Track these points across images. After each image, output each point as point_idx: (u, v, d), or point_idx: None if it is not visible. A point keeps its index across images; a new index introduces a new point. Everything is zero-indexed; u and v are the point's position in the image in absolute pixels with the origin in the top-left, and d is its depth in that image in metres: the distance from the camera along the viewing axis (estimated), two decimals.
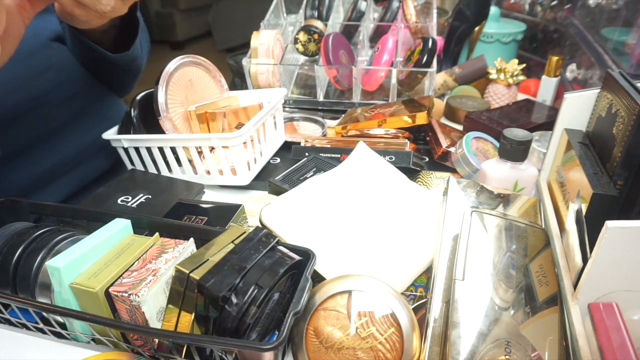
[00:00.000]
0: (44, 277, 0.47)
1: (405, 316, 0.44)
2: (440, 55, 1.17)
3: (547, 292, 0.43)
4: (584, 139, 0.57)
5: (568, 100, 0.59)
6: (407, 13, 1.08)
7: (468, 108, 0.96)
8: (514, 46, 1.20)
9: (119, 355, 0.43)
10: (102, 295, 0.43)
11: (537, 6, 1.24)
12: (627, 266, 0.39)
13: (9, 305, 0.49)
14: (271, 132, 0.81)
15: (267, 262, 0.43)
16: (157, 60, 0.61)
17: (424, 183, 0.73)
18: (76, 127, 0.74)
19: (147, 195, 0.67)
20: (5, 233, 0.50)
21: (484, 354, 0.38)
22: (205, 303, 0.40)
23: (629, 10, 0.82)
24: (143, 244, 0.48)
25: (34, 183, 0.69)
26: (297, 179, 0.70)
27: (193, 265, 0.41)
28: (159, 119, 0.71)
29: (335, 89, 1.06)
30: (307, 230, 0.54)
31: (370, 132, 0.84)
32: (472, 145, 0.75)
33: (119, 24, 0.70)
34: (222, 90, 0.84)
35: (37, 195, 0.70)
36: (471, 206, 0.53)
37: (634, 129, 0.45)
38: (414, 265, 0.54)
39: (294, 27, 1.16)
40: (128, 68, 0.77)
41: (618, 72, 0.53)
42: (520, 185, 0.61)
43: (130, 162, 0.79)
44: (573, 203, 0.50)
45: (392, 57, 0.97)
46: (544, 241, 0.49)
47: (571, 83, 1.00)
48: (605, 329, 0.36)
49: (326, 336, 0.43)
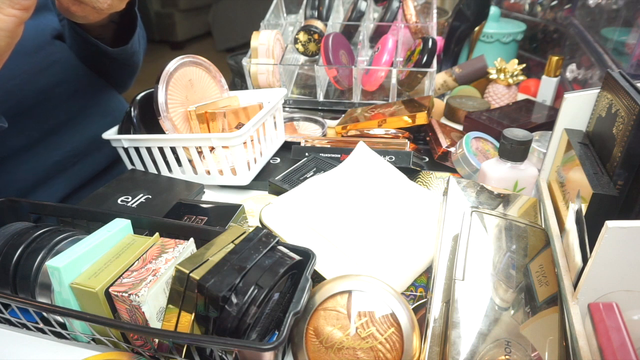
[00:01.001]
0: (44, 277, 0.47)
1: (405, 316, 0.44)
2: (440, 55, 1.17)
3: (547, 292, 0.43)
4: (584, 139, 0.57)
5: (568, 100, 0.59)
6: (407, 13, 1.08)
7: (468, 108, 0.96)
8: (514, 46, 1.20)
9: (119, 355, 0.43)
10: (102, 295, 0.43)
11: (537, 6, 1.24)
12: (627, 266, 0.39)
13: (9, 305, 0.49)
14: (271, 132, 0.81)
15: (267, 262, 0.43)
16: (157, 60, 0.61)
17: (424, 183, 0.73)
18: (81, 121, 0.76)
19: (147, 195, 0.67)
20: (5, 233, 0.50)
21: (484, 354, 0.38)
22: (205, 303, 0.40)
23: (629, 10, 0.82)
24: (143, 244, 0.48)
25: (40, 176, 0.71)
26: (297, 179, 0.70)
27: (193, 265, 0.41)
28: (159, 119, 0.71)
29: (335, 89, 1.06)
30: (307, 230, 0.54)
31: (370, 132, 0.84)
32: (472, 145, 0.75)
33: (118, 20, 0.71)
34: (222, 90, 0.84)
35: (44, 189, 0.71)
36: (471, 206, 0.53)
37: (634, 129, 0.45)
38: (414, 265, 0.54)
39: (294, 27, 1.16)
40: (126, 63, 0.78)
41: (618, 72, 0.53)
42: (520, 185, 0.61)
43: (130, 162, 0.79)
44: (573, 203, 0.50)
45: (392, 57, 0.97)
46: (544, 241, 0.49)
47: (571, 83, 1.00)
48: (605, 329, 0.36)
49: (326, 336, 0.43)
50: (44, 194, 0.70)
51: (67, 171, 0.74)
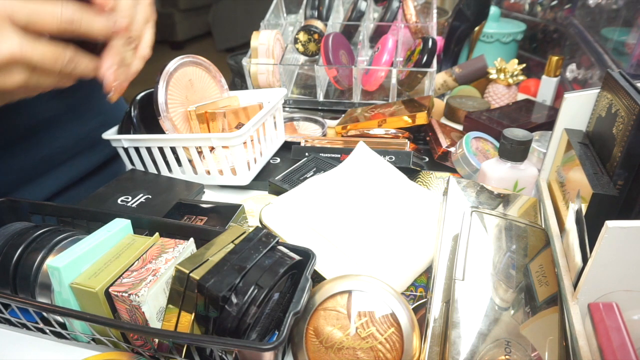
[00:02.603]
0: (44, 277, 0.47)
1: (405, 316, 0.44)
2: (440, 55, 1.17)
3: (547, 292, 0.43)
4: (584, 139, 0.57)
5: (568, 100, 0.59)
6: (407, 13, 1.08)
7: (468, 108, 0.96)
8: (514, 46, 1.20)
9: (119, 355, 0.43)
10: (102, 295, 0.43)
11: (537, 6, 1.24)
12: (627, 266, 0.39)
13: (9, 305, 0.49)
14: (271, 132, 0.81)
15: (267, 262, 0.43)
16: (157, 60, 0.61)
17: (424, 183, 0.73)
18: (69, 119, 0.74)
19: (147, 195, 0.67)
20: (5, 233, 0.50)
21: (484, 354, 0.38)
22: (205, 303, 0.40)
23: (629, 10, 0.82)
24: (143, 244, 0.48)
25: (28, 172, 0.70)
26: (297, 179, 0.70)
27: (193, 265, 0.41)
28: (159, 119, 0.71)
29: (335, 89, 1.06)
30: (307, 230, 0.54)
31: (370, 132, 0.84)
32: (472, 145, 0.75)
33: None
34: (222, 90, 0.84)
35: (32, 186, 0.70)
36: (471, 206, 0.53)
37: (634, 129, 0.45)
38: (414, 265, 0.54)
39: (294, 27, 1.16)
40: None
41: (618, 72, 0.53)
42: (520, 185, 0.61)
43: (130, 162, 0.79)
44: (573, 203, 0.50)
45: (392, 57, 0.97)
46: (544, 241, 0.49)
47: (571, 83, 1.00)
48: (605, 329, 0.36)
49: (326, 336, 0.43)
50: (31, 191, 0.70)
51: (56, 169, 0.73)
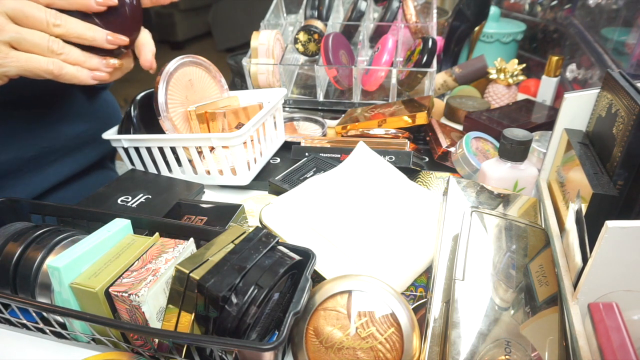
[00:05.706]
0: (44, 277, 0.47)
1: (405, 316, 0.44)
2: (440, 55, 1.17)
3: (547, 292, 0.43)
4: (584, 139, 0.57)
5: (568, 100, 0.59)
6: (407, 13, 1.08)
7: (468, 108, 0.96)
8: (514, 46, 1.20)
9: (119, 355, 0.43)
10: (102, 295, 0.43)
11: (537, 6, 1.24)
12: (627, 266, 0.39)
13: (9, 305, 0.49)
14: (271, 132, 0.81)
15: (267, 262, 0.43)
16: (157, 60, 0.61)
17: (424, 183, 0.73)
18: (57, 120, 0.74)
19: (147, 195, 0.67)
20: (5, 233, 0.50)
21: (484, 354, 0.38)
22: (205, 303, 0.40)
23: (629, 10, 0.82)
24: (143, 244, 0.48)
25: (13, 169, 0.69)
26: (297, 179, 0.70)
27: (193, 265, 0.41)
28: (159, 119, 0.71)
29: (335, 89, 1.06)
30: (307, 230, 0.54)
31: (370, 132, 0.84)
32: (472, 145, 0.75)
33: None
34: (222, 90, 0.84)
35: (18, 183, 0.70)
36: (471, 206, 0.53)
37: (634, 129, 0.45)
38: (414, 265, 0.54)
39: (294, 27, 1.16)
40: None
41: (618, 72, 0.53)
42: (520, 185, 0.61)
43: (130, 162, 0.79)
44: (573, 203, 0.50)
45: (392, 57, 0.97)
46: (544, 241, 0.49)
47: (571, 83, 1.00)
48: (605, 329, 0.36)
49: (326, 336, 0.43)
50: (18, 188, 0.69)
51: (44, 168, 0.73)
